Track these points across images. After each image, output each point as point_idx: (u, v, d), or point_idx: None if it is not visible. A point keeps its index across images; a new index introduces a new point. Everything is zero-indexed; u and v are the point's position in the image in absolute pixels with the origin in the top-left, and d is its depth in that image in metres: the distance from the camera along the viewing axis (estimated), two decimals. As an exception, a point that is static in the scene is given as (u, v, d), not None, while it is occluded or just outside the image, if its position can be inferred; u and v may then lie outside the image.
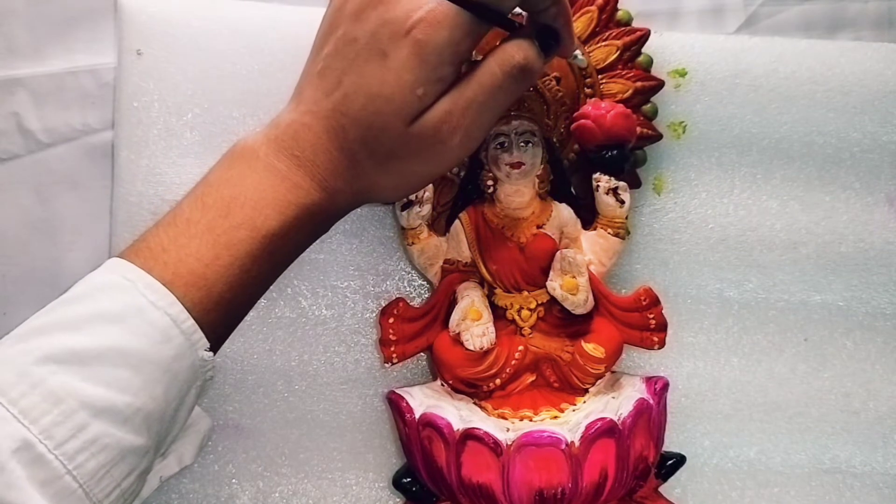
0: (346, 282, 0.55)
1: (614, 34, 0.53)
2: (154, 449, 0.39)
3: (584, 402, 0.51)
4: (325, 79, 0.43)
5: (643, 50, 0.53)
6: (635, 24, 0.53)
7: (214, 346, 0.41)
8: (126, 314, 0.38)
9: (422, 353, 0.54)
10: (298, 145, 0.42)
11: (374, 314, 0.54)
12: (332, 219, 0.45)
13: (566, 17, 0.44)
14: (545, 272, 0.51)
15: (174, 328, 0.38)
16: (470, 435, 0.47)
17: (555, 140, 0.52)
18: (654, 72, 0.54)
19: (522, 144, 0.50)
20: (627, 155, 0.52)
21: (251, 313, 0.53)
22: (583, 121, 0.51)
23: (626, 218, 0.52)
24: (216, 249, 0.40)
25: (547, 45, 0.44)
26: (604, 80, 0.53)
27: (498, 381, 0.51)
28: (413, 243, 0.52)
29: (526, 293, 0.52)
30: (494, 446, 0.47)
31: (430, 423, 0.48)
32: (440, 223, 0.53)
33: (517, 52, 0.42)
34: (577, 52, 0.48)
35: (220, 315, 0.40)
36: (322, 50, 0.43)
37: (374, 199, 0.46)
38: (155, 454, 0.40)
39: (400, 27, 0.40)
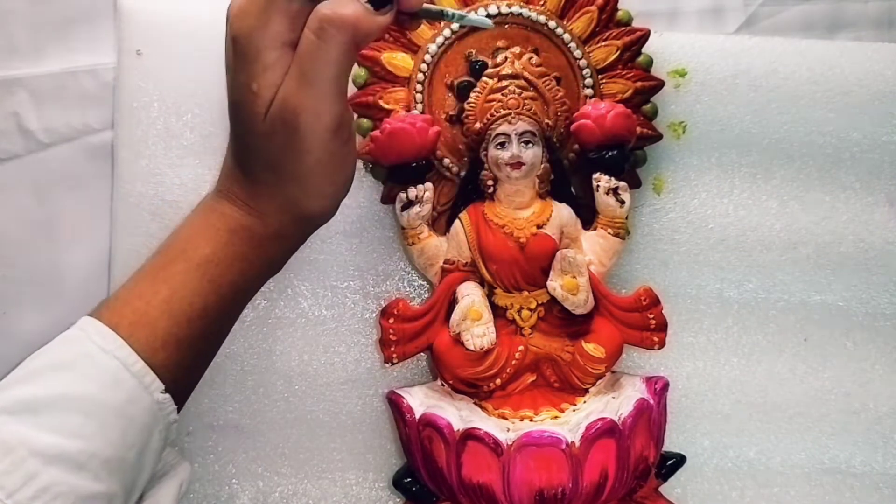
0: (346, 282, 0.55)
1: (614, 34, 0.53)
2: (123, 495, 0.38)
3: (585, 402, 0.51)
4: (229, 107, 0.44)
5: (643, 50, 0.53)
6: (635, 24, 0.53)
7: (173, 388, 0.40)
8: (76, 361, 0.38)
9: (422, 353, 0.54)
10: (221, 180, 0.44)
11: (374, 314, 0.54)
12: (275, 242, 0.43)
13: None
14: (545, 272, 0.51)
15: (124, 371, 0.38)
16: (470, 435, 0.47)
17: (555, 140, 0.52)
18: (654, 72, 0.54)
19: (522, 144, 0.50)
20: (627, 155, 0.52)
21: (251, 313, 0.54)
22: (583, 121, 0.51)
23: (626, 218, 0.52)
24: (155, 285, 0.41)
25: None
26: (604, 80, 0.53)
27: (498, 381, 0.51)
28: (413, 243, 0.52)
29: (526, 293, 0.52)
30: (495, 446, 0.47)
31: (430, 423, 0.48)
32: (440, 223, 0.53)
33: (332, 9, 0.38)
34: (469, 13, 0.44)
35: (171, 354, 0.40)
36: None
37: (307, 211, 0.43)
38: (126, 501, 0.39)
39: (226, 32, 0.40)
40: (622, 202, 0.51)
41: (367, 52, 0.52)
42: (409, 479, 0.52)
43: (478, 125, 0.51)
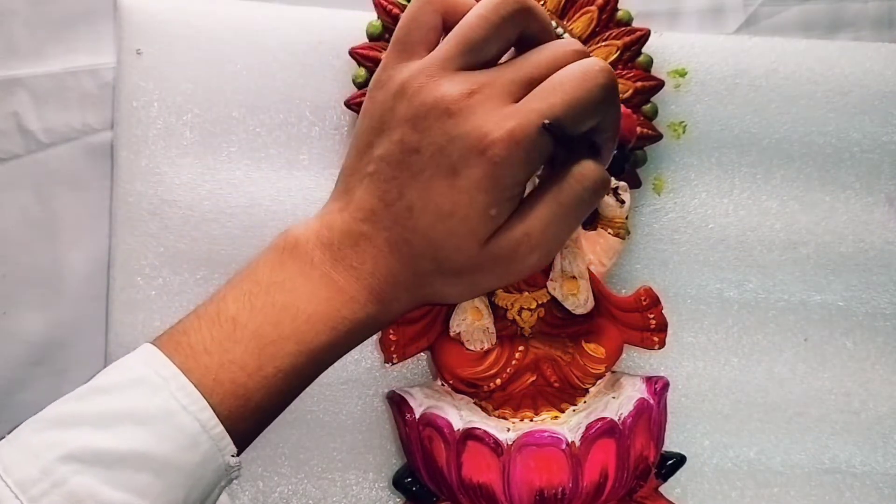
0: (347, 282, 0.55)
1: (614, 34, 0.53)
2: None
3: (585, 402, 0.51)
4: (380, 185, 0.40)
5: (643, 50, 0.53)
6: (635, 24, 0.53)
7: (242, 449, 0.40)
8: (156, 417, 0.37)
9: (422, 353, 0.54)
10: (357, 256, 0.40)
11: (375, 314, 0.54)
12: (385, 325, 0.43)
13: (614, 139, 0.42)
14: (545, 272, 0.51)
15: (203, 434, 0.37)
16: (470, 435, 0.47)
17: (555, 140, 0.52)
18: (654, 72, 0.54)
19: (523, 144, 0.50)
20: (627, 155, 0.52)
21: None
22: (583, 121, 0.51)
23: (626, 218, 0.52)
24: (261, 360, 0.38)
25: (615, 163, 0.44)
26: (604, 80, 0.53)
27: (498, 382, 0.51)
28: (413, 243, 0.52)
29: (526, 293, 0.52)
30: (495, 446, 0.47)
31: (430, 423, 0.48)
32: (440, 223, 0.53)
33: (598, 170, 0.40)
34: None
35: (254, 423, 0.40)
36: (372, 149, 0.40)
37: (434, 303, 0.45)
38: None
39: (474, 145, 0.37)
40: (622, 202, 0.51)
41: (367, 53, 0.52)
42: (409, 479, 0.52)
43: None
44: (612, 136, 0.42)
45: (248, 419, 0.39)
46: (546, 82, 0.38)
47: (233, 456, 0.39)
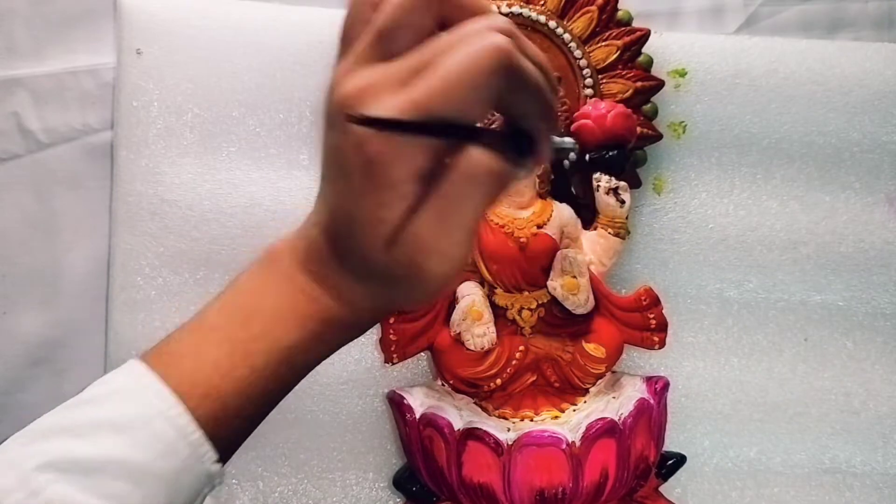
0: (347, 282, 0.55)
1: (614, 34, 0.53)
2: None
3: (585, 401, 0.51)
4: (322, 191, 0.40)
5: (643, 50, 0.53)
6: (635, 24, 0.53)
7: (224, 456, 0.40)
8: (133, 424, 0.37)
9: (422, 353, 0.54)
10: (311, 259, 0.41)
11: (375, 314, 0.54)
12: (359, 330, 0.43)
13: (550, 121, 0.38)
14: (546, 272, 0.51)
15: (181, 440, 0.37)
16: (471, 435, 0.47)
17: (555, 140, 0.52)
18: (654, 72, 0.54)
19: (523, 144, 0.50)
20: (627, 155, 0.52)
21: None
22: (583, 121, 0.51)
23: (627, 218, 0.52)
24: (234, 360, 0.39)
25: (519, 150, 0.37)
26: (604, 80, 0.53)
27: (499, 381, 0.51)
28: (413, 243, 0.52)
29: (526, 293, 0.52)
30: (495, 446, 0.47)
31: (430, 423, 0.48)
32: (440, 223, 0.53)
33: (484, 160, 0.36)
34: (568, 141, 0.42)
35: (232, 428, 0.40)
36: (321, 153, 0.41)
37: (401, 309, 0.45)
38: None
39: (354, 143, 0.36)
40: (622, 202, 0.51)
41: None
42: (409, 479, 0.52)
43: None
44: (538, 122, 0.38)
45: (225, 424, 0.39)
46: (429, 68, 0.35)
47: (214, 463, 0.39)
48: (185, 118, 0.54)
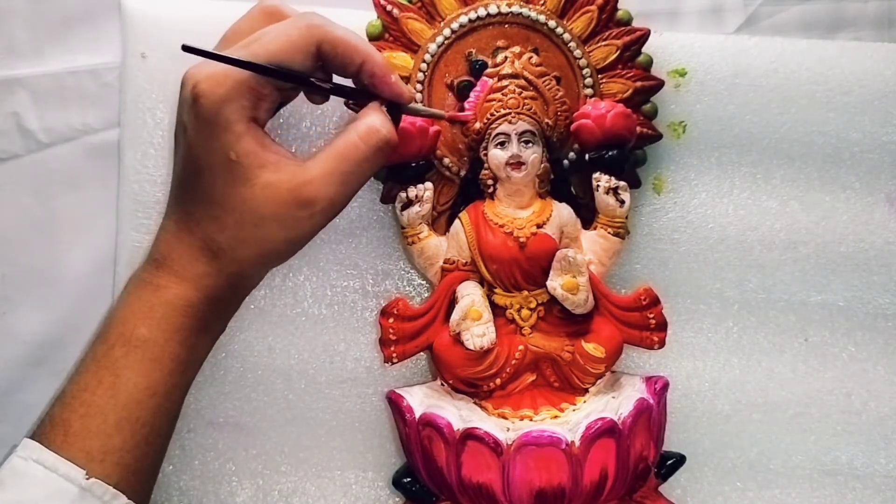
0: (346, 281, 0.55)
1: (614, 34, 0.53)
2: None
3: (585, 401, 0.51)
4: (174, 170, 0.45)
5: (643, 50, 0.53)
6: (635, 24, 0.53)
7: (135, 468, 0.41)
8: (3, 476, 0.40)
9: (422, 353, 0.54)
10: (157, 248, 0.44)
11: (374, 313, 0.54)
12: (214, 307, 0.44)
13: (381, 72, 0.44)
14: (545, 272, 0.51)
15: (44, 470, 0.39)
16: (470, 435, 0.47)
17: (555, 140, 0.52)
18: (654, 72, 0.54)
19: (522, 144, 0.50)
20: (627, 155, 0.52)
21: (249, 311, 0.54)
22: (583, 121, 0.51)
23: (626, 218, 0.52)
24: (98, 374, 0.41)
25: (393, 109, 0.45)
26: (603, 80, 0.53)
27: (498, 381, 0.51)
28: (413, 243, 0.52)
29: (526, 293, 0.52)
30: (495, 446, 0.47)
31: (430, 423, 0.48)
32: (440, 223, 0.53)
33: (379, 124, 0.43)
34: (436, 112, 0.49)
35: (126, 437, 0.41)
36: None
37: (246, 280, 0.46)
38: None
39: (187, 96, 0.41)
40: (622, 202, 0.51)
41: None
42: (408, 479, 0.52)
43: (478, 125, 0.51)
44: (381, 77, 0.44)
45: (115, 434, 0.40)
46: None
47: (86, 478, 0.39)
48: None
